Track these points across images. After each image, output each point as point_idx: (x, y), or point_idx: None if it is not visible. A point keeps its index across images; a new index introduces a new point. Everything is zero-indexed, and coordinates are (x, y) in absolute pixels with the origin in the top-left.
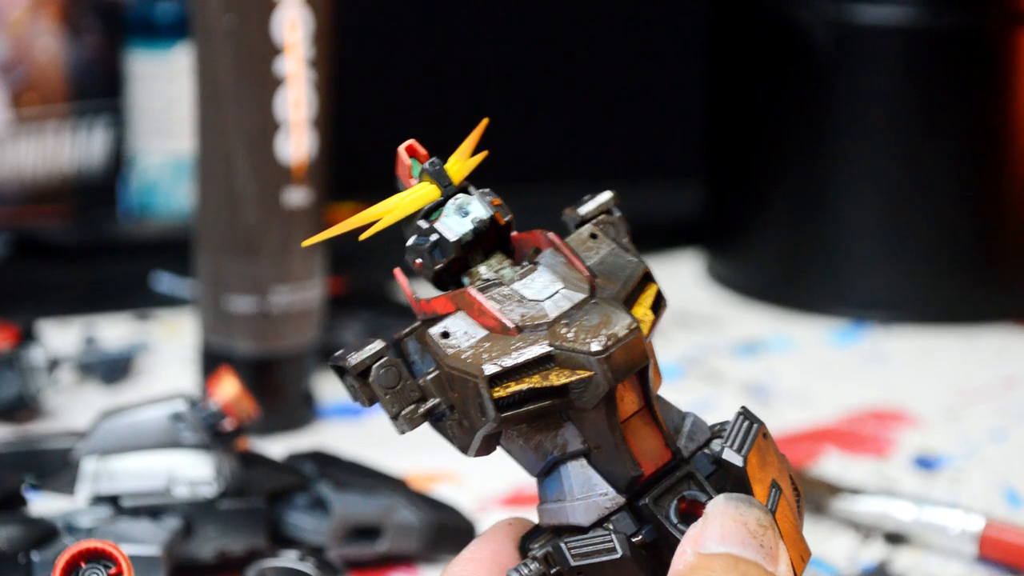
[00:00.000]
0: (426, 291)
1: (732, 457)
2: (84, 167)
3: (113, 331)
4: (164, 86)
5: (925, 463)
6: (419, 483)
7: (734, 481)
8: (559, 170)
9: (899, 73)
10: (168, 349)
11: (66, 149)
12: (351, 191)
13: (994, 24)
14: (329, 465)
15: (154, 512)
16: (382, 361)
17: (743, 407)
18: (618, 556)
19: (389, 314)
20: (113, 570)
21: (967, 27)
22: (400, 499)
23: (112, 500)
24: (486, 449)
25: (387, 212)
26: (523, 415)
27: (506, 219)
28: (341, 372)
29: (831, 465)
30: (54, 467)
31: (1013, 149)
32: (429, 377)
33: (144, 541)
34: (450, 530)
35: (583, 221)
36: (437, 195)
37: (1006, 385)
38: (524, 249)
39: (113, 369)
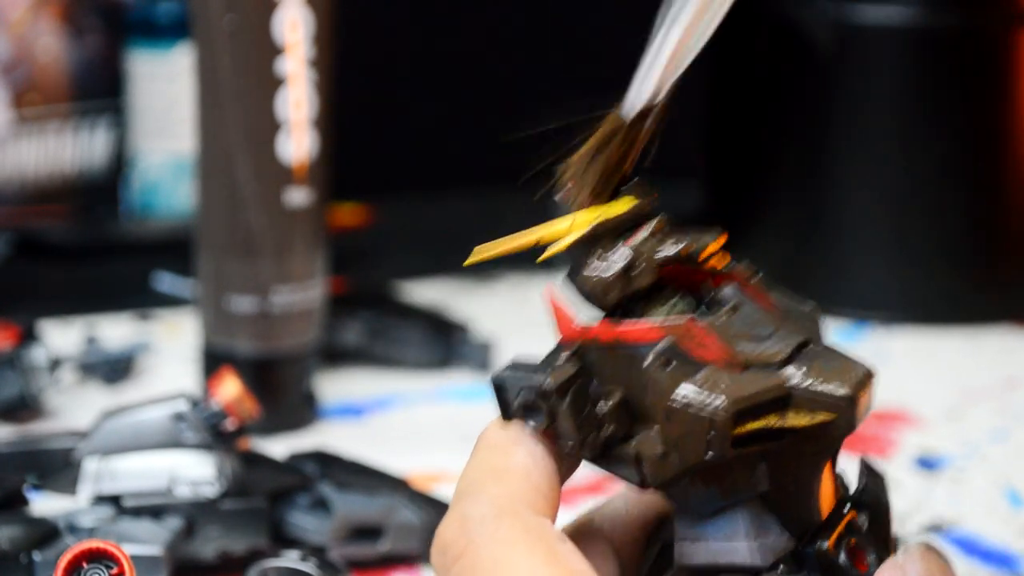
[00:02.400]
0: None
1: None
2: (85, 167)
3: (114, 331)
4: (165, 86)
5: (926, 463)
6: (421, 483)
7: (881, 526)
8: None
9: (900, 73)
10: (169, 349)
11: (68, 149)
12: (352, 191)
13: (994, 24)
14: (331, 465)
15: (156, 512)
16: (577, 383)
17: (862, 459)
18: None
19: (390, 314)
20: (115, 570)
21: (967, 27)
22: (402, 499)
23: (114, 500)
24: (671, 483)
25: (580, 225)
26: (748, 454)
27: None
28: (515, 389)
29: None
30: (56, 467)
31: (1014, 149)
32: (609, 405)
33: (146, 541)
34: None
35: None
36: (640, 211)
37: (1008, 385)
38: (678, 283)
39: (114, 369)
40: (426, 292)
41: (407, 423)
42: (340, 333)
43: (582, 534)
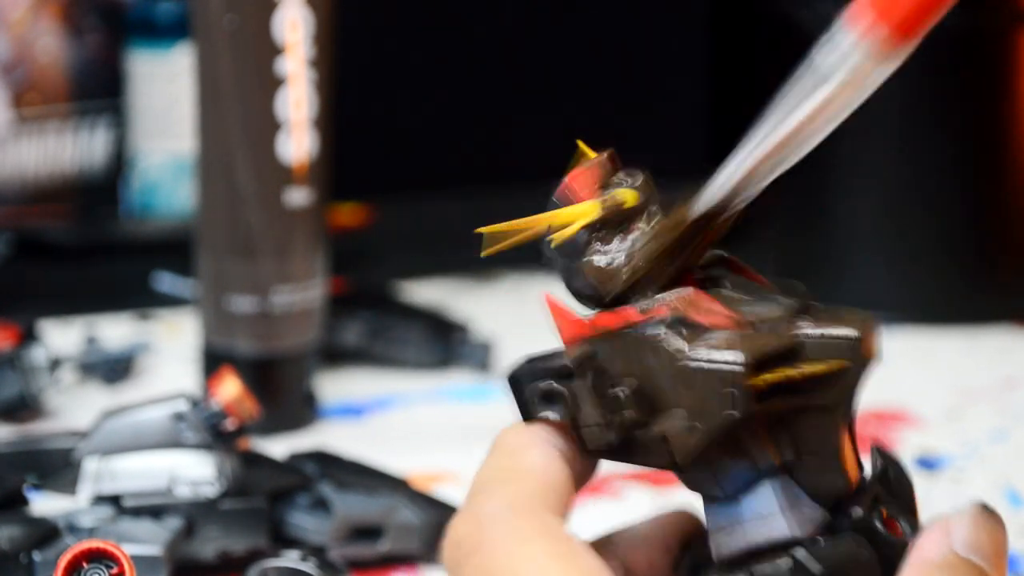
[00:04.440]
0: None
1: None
2: (85, 167)
3: (114, 331)
4: (165, 86)
5: (926, 463)
6: (421, 483)
7: (907, 502)
8: (558, 171)
9: (899, 73)
10: (169, 349)
11: (67, 149)
12: (352, 191)
13: (994, 24)
14: (331, 465)
15: (156, 512)
16: (596, 363)
17: (875, 446)
18: (866, 559)
19: (390, 314)
20: (115, 570)
21: (967, 27)
22: (402, 499)
23: (114, 500)
24: (701, 457)
25: (584, 213)
26: (771, 409)
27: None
28: (533, 377)
29: None
30: (56, 467)
31: (1014, 149)
32: (628, 389)
33: (146, 541)
34: None
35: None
36: (639, 203)
37: (1007, 385)
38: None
39: (114, 369)
40: (426, 292)
41: (407, 423)
42: (340, 333)
43: (596, 550)
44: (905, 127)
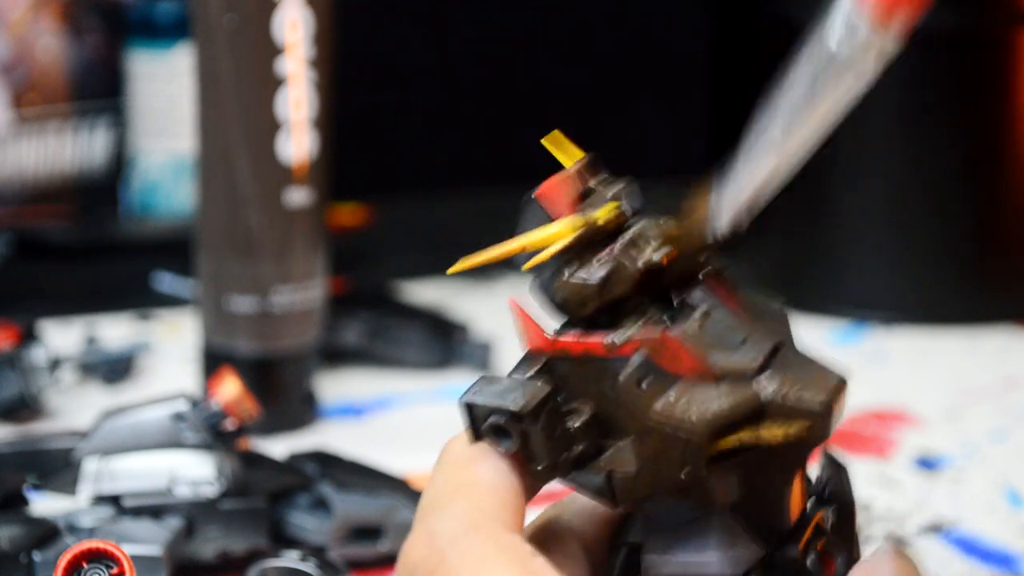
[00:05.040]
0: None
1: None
2: (85, 167)
3: (114, 331)
4: (165, 86)
5: (926, 463)
6: (420, 483)
7: (846, 520)
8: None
9: (899, 73)
10: (169, 349)
11: (67, 149)
12: (352, 191)
13: (994, 24)
14: (331, 465)
15: (156, 512)
16: (549, 405)
17: (826, 451)
18: None
19: (390, 314)
20: (115, 570)
21: (967, 27)
22: (402, 499)
23: (114, 500)
24: (643, 503)
25: (562, 235)
26: (723, 468)
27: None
28: (483, 411)
29: None
30: (56, 467)
31: (1014, 149)
32: (579, 422)
33: (146, 541)
34: None
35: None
36: (623, 220)
37: (1007, 386)
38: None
39: (114, 369)
40: (426, 292)
41: (407, 423)
42: (340, 333)
43: (550, 533)
44: (905, 127)
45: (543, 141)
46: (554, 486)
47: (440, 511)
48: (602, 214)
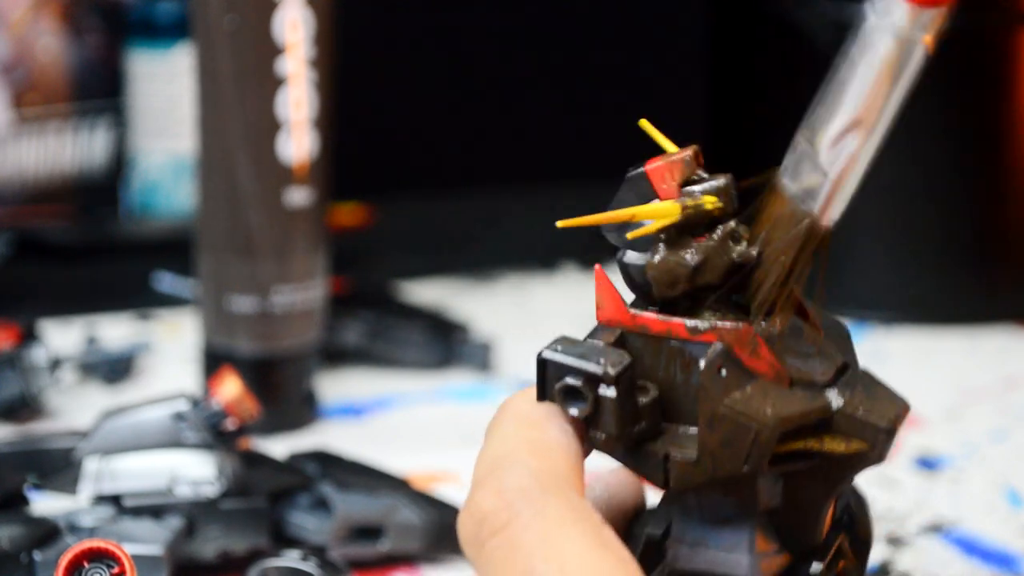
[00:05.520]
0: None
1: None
2: (86, 167)
3: (115, 331)
4: (165, 86)
5: (926, 463)
6: (421, 483)
7: (862, 544)
8: (559, 171)
9: None
10: (170, 349)
11: (68, 149)
12: (352, 191)
13: (994, 24)
14: (331, 465)
15: (156, 512)
16: (628, 376)
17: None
18: None
19: (390, 314)
20: (116, 570)
21: (967, 27)
22: (402, 499)
23: (114, 500)
24: (692, 489)
25: (667, 214)
26: (781, 470)
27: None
28: (561, 370)
29: None
30: (56, 467)
31: (1014, 149)
32: (647, 400)
33: (146, 541)
34: (452, 530)
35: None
36: (722, 213)
37: (1007, 385)
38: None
39: (115, 369)
40: (426, 292)
41: (407, 423)
42: (340, 333)
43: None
44: (905, 127)
45: (641, 123)
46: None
47: (512, 466)
48: (709, 201)
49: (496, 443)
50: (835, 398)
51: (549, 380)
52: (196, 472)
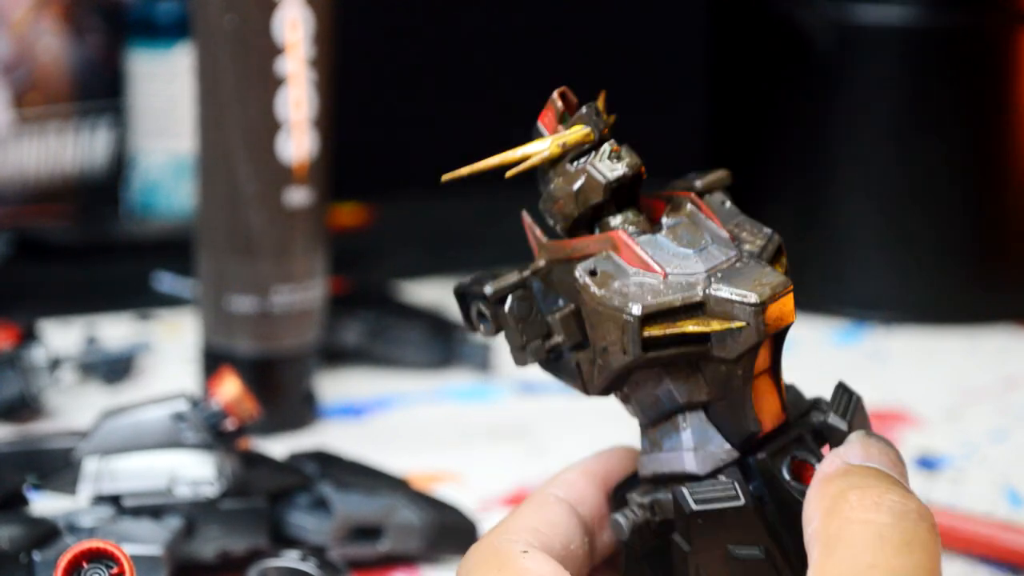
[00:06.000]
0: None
1: (837, 423)
2: (86, 167)
3: (114, 331)
4: (165, 86)
5: (926, 463)
6: (421, 483)
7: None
8: None
9: (899, 73)
10: (169, 349)
11: (68, 149)
12: (352, 191)
13: (994, 24)
14: (331, 465)
15: (156, 512)
16: (519, 292)
17: (840, 381)
18: (740, 504)
19: (390, 314)
20: (115, 570)
21: (967, 27)
22: (402, 499)
23: (114, 500)
24: (608, 390)
25: (539, 152)
26: (664, 358)
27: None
28: (470, 298)
29: None
30: (56, 467)
31: (1014, 149)
32: (559, 315)
33: (146, 541)
34: (452, 530)
35: (699, 192)
36: (591, 138)
37: (1007, 385)
38: (651, 211)
39: (114, 369)
40: (426, 292)
41: (407, 423)
42: (340, 333)
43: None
44: (905, 127)
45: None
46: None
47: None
48: (576, 130)
49: None
50: (706, 283)
51: (468, 308)
52: (196, 472)
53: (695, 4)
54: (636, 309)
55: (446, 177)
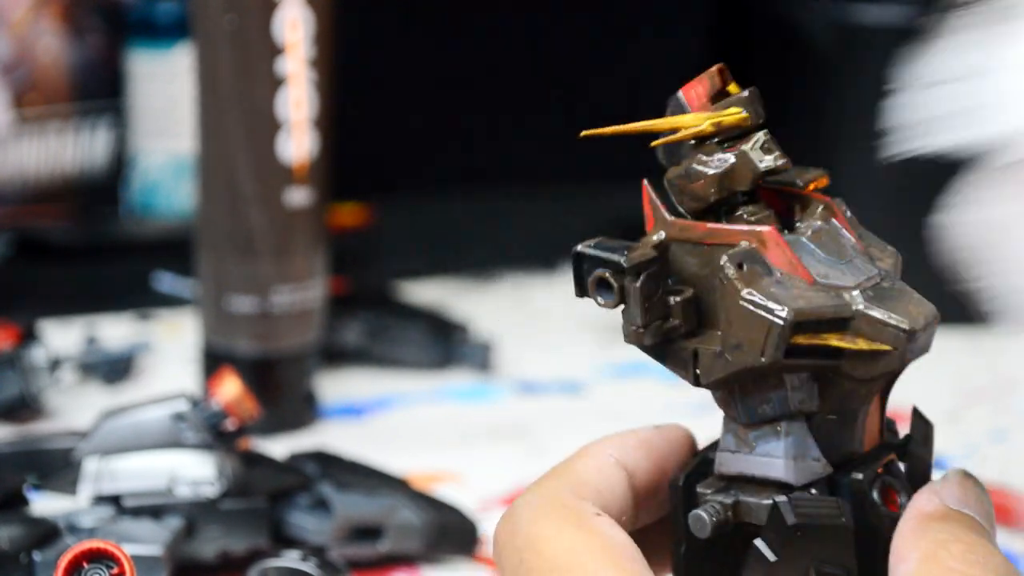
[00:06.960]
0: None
1: (921, 452)
2: (86, 167)
3: (114, 331)
4: (165, 86)
5: None
6: (421, 483)
7: (920, 476)
8: (558, 171)
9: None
10: (169, 349)
11: (68, 149)
12: (352, 191)
13: None
14: (331, 465)
15: (156, 512)
16: (652, 269)
17: (914, 407)
18: (841, 522)
19: (390, 314)
20: (115, 570)
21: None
22: (402, 499)
23: (114, 500)
24: (722, 385)
25: (692, 126)
26: (793, 366)
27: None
28: (593, 263)
29: None
30: (56, 467)
31: None
32: (679, 298)
33: (146, 541)
34: (452, 530)
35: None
36: (748, 123)
37: (1008, 386)
38: (773, 206)
39: (114, 369)
40: (426, 292)
41: (407, 423)
42: (340, 333)
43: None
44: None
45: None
46: None
47: (525, 492)
48: (733, 112)
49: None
50: (857, 299)
51: (584, 275)
52: (196, 472)
53: (695, 4)
54: (788, 314)
55: (585, 133)
